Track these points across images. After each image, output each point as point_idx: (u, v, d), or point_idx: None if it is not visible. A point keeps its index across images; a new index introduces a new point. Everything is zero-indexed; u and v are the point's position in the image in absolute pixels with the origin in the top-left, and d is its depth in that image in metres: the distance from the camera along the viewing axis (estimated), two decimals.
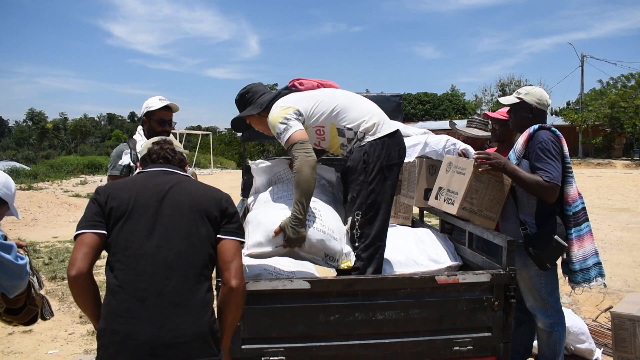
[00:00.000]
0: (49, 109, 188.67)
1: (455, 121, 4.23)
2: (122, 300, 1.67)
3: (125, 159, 3.11)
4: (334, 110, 2.52)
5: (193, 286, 1.73)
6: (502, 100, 2.94)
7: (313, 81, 2.80)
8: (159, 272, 1.70)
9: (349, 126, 2.52)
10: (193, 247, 1.76)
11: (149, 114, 3.14)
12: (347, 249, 2.44)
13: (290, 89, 2.77)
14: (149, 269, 1.69)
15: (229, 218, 1.87)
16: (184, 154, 2.09)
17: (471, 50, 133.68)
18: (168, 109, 3.16)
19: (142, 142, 3.14)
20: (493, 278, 2.30)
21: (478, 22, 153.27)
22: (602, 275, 2.70)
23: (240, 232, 1.90)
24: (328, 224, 2.40)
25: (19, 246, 2.38)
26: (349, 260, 2.42)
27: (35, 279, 2.42)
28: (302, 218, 2.25)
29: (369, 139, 2.49)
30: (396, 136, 2.58)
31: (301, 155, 2.30)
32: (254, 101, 2.67)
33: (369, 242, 2.47)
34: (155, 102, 3.13)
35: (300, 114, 2.47)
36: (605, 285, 2.77)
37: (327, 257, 2.37)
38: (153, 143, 2.06)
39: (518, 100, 2.80)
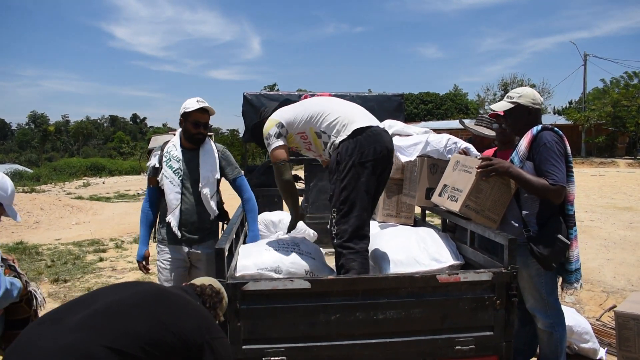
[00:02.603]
0: (52, 112, 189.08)
1: (464, 120, 4.20)
2: None
3: (153, 161, 3.14)
4: (310, 115, 2.72)
5: None
6: (495, 107, 2.89)
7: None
8: None
9: (322, 129, 2.69)
10: None
11: (185, 115, 3.08)
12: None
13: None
14: None
15: None
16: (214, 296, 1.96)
17: (474, 50, 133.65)
18: (204, 111, 3.09)
19: (171, 143, 3.17)
20: (495, 277, 2.29)
21: (480, 21, 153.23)
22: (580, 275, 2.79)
23: None
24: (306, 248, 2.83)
25: (10, 267, 2.32)
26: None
27: (39, 293, 2.38)
28: (292, 214, 2.91)
29: (340, 138, 2.60)
30: (369, 133, 2.59)
31: (275, 175, 2.79)
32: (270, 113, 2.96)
33: (347, 237, 2.53)
34: (192, 104, 3.06)
35: (282, 126, 2.76)
36: (581, 285, 2.80)
37: (308, 274, 2.60)
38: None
39: (513, 105, 2.78)
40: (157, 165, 3.12)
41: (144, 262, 3.21)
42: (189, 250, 3.13)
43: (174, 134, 3.31)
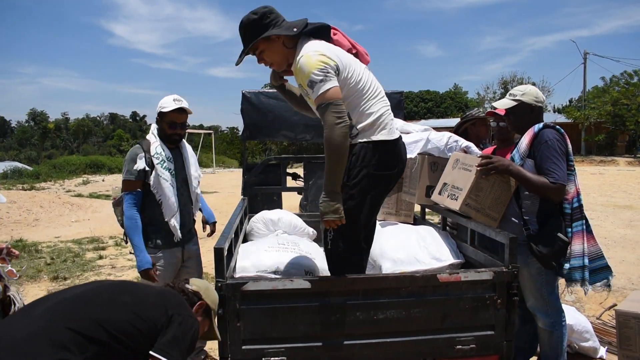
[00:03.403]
0: (51, 109, 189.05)
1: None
2: None
3: (140, 164, 2.94)
4: (360, 89, 2.25)
5: None
6: (498, 104, 2.87)
7: (348, 39, 2.47)
8: None
9: (354, 112, 2.26)
10: None
11: (161, 115, 3.00)
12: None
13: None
14: None
15: None
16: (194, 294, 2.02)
17: (474, 49, 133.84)
18: (181, 111, 3.00)
19: (156, 143, 3.01)
20: (495, 276, 2.28)
21: (480, 20, 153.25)
22: (607, 278, 2.65)
23: None
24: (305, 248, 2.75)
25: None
26: None
27: (18, 298, 2.33)
28: (331, 189, 2.10)
29: (363, 139, 2.25)
30: (394, 146, 2.32)
31: (330, 120, 2.08)
32: (278, 24, 2.29)
33: (341, 250, 2.29)
34: (168, 103, 2.97)
35: (338, 72, 2.18)
36: (609, 288, 2.71)
37: (309, 274, 2.50)
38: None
39: (516, 103, 2.77)
40: (148, 168, 2.95)
41: (153, 269, 2.94)
42: (182, 251, 3.13)
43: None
